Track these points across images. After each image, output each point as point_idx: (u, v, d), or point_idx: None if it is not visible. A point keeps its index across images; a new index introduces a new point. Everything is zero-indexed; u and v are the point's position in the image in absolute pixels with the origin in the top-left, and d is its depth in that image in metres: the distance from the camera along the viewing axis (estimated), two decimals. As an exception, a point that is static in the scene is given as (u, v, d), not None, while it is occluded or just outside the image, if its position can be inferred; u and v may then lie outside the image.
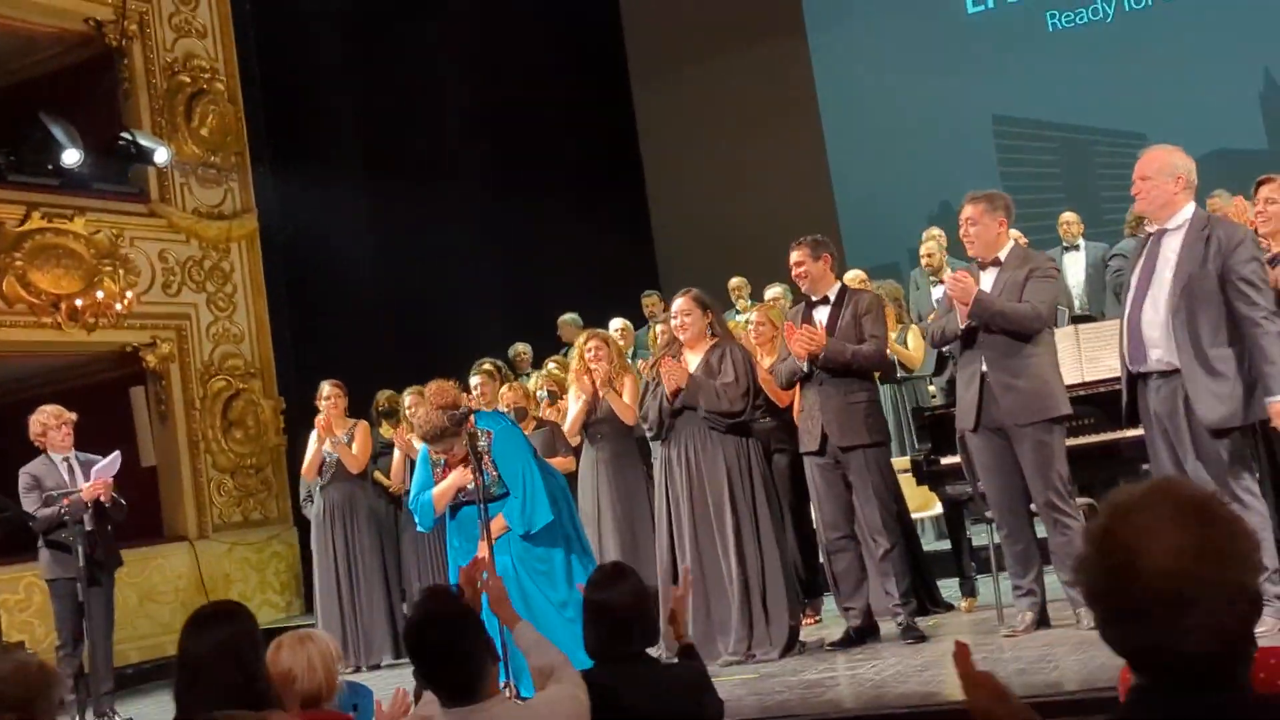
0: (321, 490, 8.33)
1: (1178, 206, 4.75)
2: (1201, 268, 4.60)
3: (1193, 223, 4.70)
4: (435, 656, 3.01)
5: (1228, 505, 1.57)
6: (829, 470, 5.70)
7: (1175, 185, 4.74)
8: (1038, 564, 5.35)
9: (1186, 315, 4.60)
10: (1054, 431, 5.19)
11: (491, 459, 5.43)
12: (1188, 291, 4.61)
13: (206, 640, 3.07)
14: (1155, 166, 4.79)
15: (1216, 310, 4.59)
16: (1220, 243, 4.60)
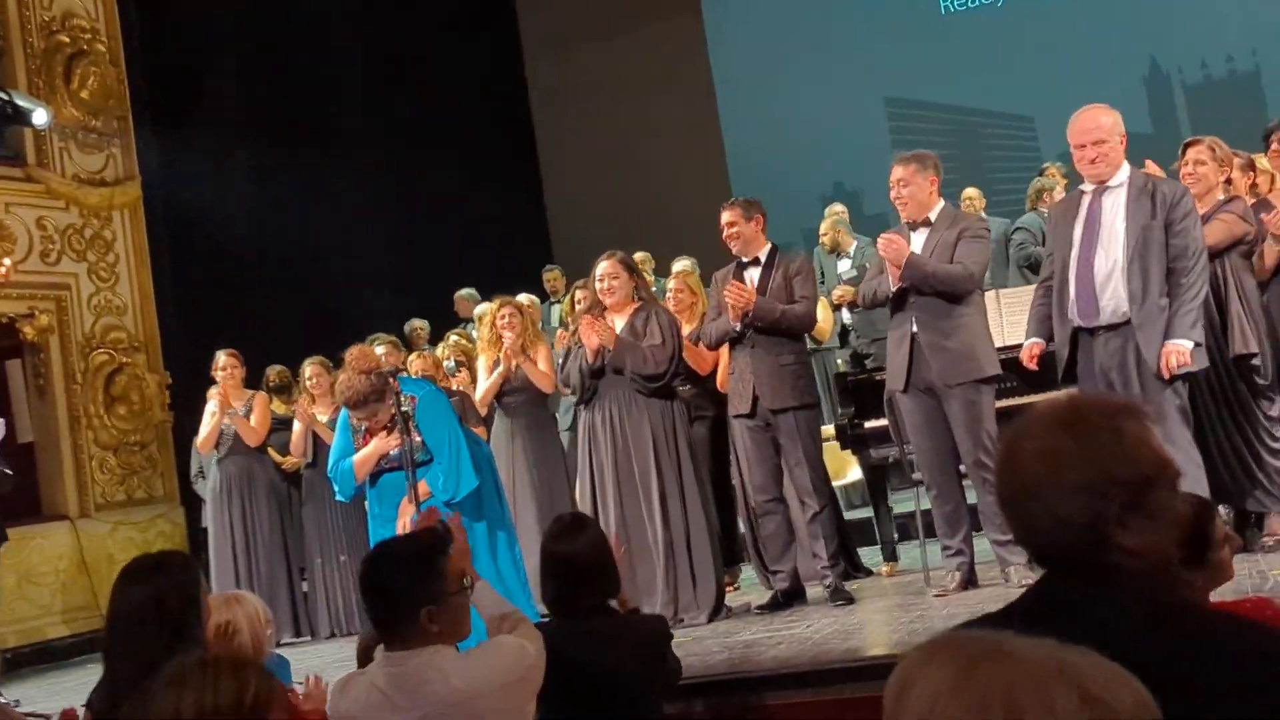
0: (218, 464, 8.04)
1: (1120, 164, 4.83)
2: (1152, 220, 4.68)
3: (1133, 179, 4.80)
4: (380, 594, 2.87)
5: (1113, 414, 1.67)
6: (759, 433, 5.64)
7: (1122, 144, 4.84)
8: (967, 524, 5.37)
9: (1140, 266, 4.67)
10: (983, 391, 5.21)
11: (415, 424, 5.25)
12: (1142, 244, 4.66)
13: (132, 595, 2.88)
14: (1108, 129, 4.84)
15: (1163, 263, 4.68)
16: (1165, 197, 4.71)
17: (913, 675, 1.21)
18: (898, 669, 1.24)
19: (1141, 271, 4.66)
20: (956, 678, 1.17)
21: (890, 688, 1.23)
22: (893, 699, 1.22)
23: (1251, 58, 12.06)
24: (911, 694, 1.19)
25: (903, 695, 1.21)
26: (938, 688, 1.17)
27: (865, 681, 4.07)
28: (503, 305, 6.92)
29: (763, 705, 4.17)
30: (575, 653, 3.24)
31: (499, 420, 6.96)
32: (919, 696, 1.18)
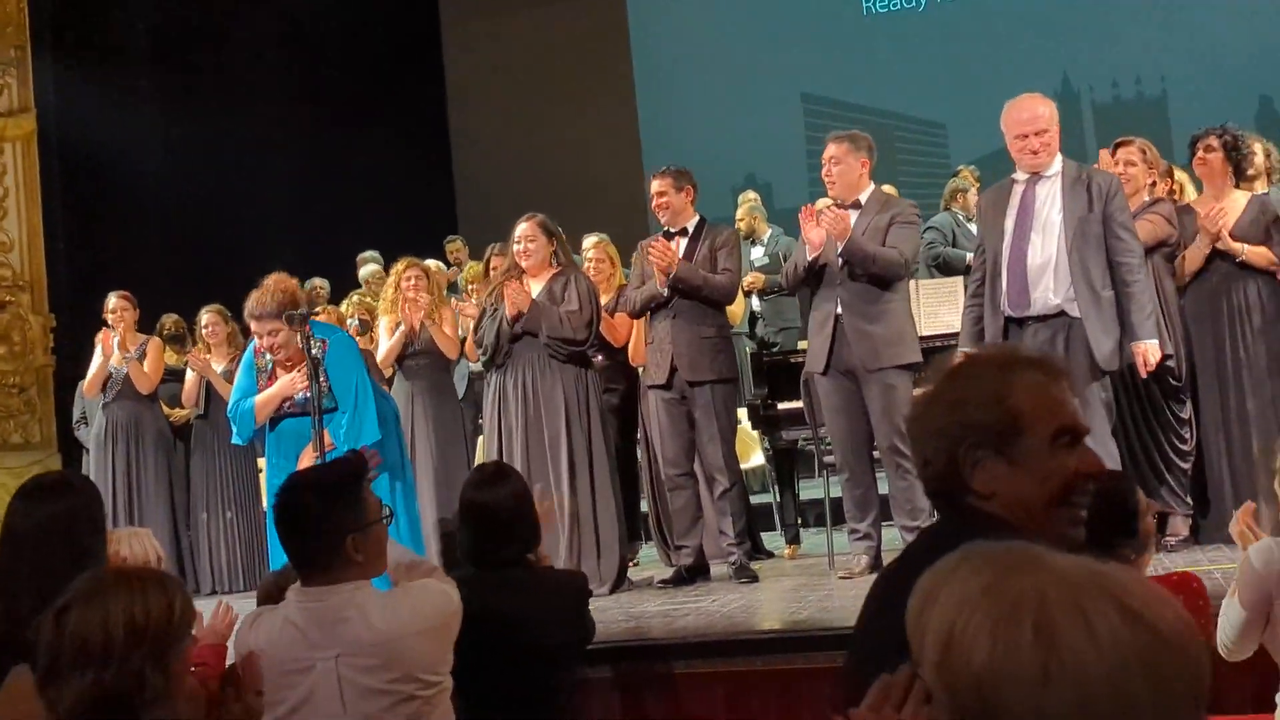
0: (104, 408, 7.72)
1: (1055, 154, 4.83)
2: (1089, 211, 4.68)
3: (1066, 169, 4.78)
4: (302, 521, 2.73)
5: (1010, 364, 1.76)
6: (674, 405, 5.57)
7: (1057, 133, 4.82)
8: (876, 509, 5.36)
9: (1079, 257, 4.66)
10: (904, 378, 5.21)
11: (324, 369, 5.02)
12: (1080, 234, 4.66)
13: (37, 513, 2.70)
14: (1047, 118, 4.83)
15: (1102, 254, 4.68)
16: (1100, 189, 4.71)
17: (938, 586, 1.13)
18: (920, 582, 1.17)
19: (1081, 262, 4.65)
20: (987, 586, 1.10)
21: (913, 602, 1.15)
22: (915, 613, 1.14)
23: (1160, 83, 12.34)
24: (936, 605, 1.12)
25: (926, 608, 1.13)
26: (965, 596, 1.10)
27: (775, 654, 4.05)
28: (409, 267, 6.74)
29: (670, 673, 4.11)
30: (493, 603, 3.14)
31: (399, 383, 6.78)
32: (944, 607, 1.11)
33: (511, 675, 3.18)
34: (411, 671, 2.68)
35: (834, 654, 3.95)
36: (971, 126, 12.51)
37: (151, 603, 1.99)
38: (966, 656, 1.06)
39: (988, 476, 1.71)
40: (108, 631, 1.95)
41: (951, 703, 1.08)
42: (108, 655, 1.94)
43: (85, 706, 1.92)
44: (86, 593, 1.98)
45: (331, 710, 2.59)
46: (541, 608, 3.23)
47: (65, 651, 1.94)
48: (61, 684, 1.93)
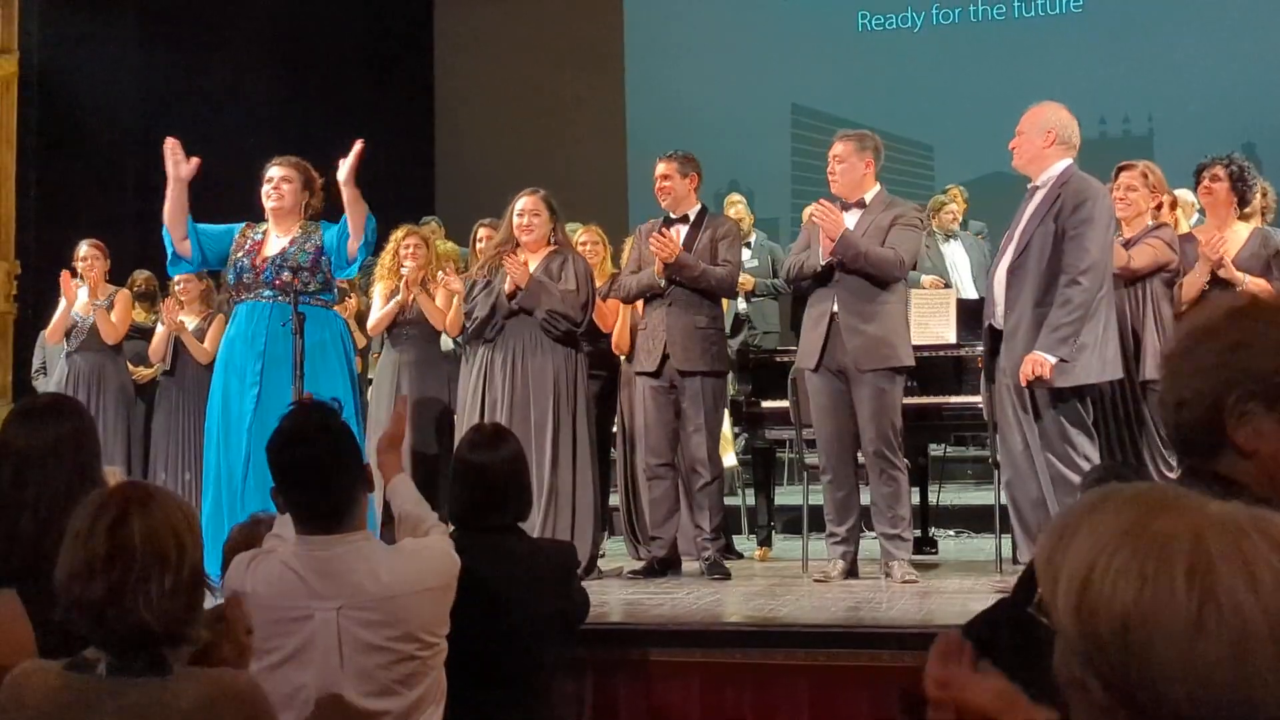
0: (66, 357, 7.54)
1: (1047, 162, 4.73)
2: (1044, 225, 4.59)
3: (1056, 179, 4.69)
4: (300, 471, 2.62)
5: None
6: (662, 393, 5.49)
7: (1044, 140, 4.72)
8: (857, 515, 5.31)
9: (1020, 273, 4.60)
10: (895, 381, 5.17)
11: (320, 233, 5.27)
12: (1029, 249, 4.60)
13: (44, 432, 2.59)
14: (1030, 121, 4.79)
15: (1049, 269, 4.55)
16: (1065, 200, 4.59)
17: (1075, 524, 1.05)
18: (1053, 521, 1.09)
19: (1018, 278, 4.59)
20: (1132, 524, 1.02)
21: (1044, 542, 1.07)
22: (1047, 553, 1.06)
23: (1147, 122, 12.43)
24: (1073, 544, 1.04)
25: (1060, 547, 1.05)
26: (1108, 535, 1.02)
27: (754, 648, 3.97)
28: (409, 234, 6.62)
29: (644, 659, 4.02)
30: (480, 568, 3.03)
31: (386, 352, 6.67)
32: (1082, 545, 1.03)
33: (496, 644, 3.09)
34: (413, 631, 2.59)
35: (814, 650, 3.90)
36: (959, 150, 12.59)
37: (186, 508, 1.93)
38: (1108, 599, 0.99)
39: (1253, 432, 1.53)
40: (176, 534, 1.87)
41: (1087, 649, 1.00)
42: (180, 556, 1.87)
43: (158, 615, 1.82)
44: (132, 500, 1.90)
45: (328, 662, 2.49)
46: (529, 576, 3.14)
47: (139, 560, 1.84)
48: (134, 594, 1.82)
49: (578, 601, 3.34)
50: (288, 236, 5.26)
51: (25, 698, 1.89)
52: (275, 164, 5.44)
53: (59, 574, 1.89)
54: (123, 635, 1.85)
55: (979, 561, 5.84)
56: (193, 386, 7.57)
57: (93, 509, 1.90)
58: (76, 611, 1.87)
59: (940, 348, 5.87)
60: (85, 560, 1.86)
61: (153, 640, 1.85)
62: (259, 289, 5.15)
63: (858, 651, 3.87)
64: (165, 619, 1.85)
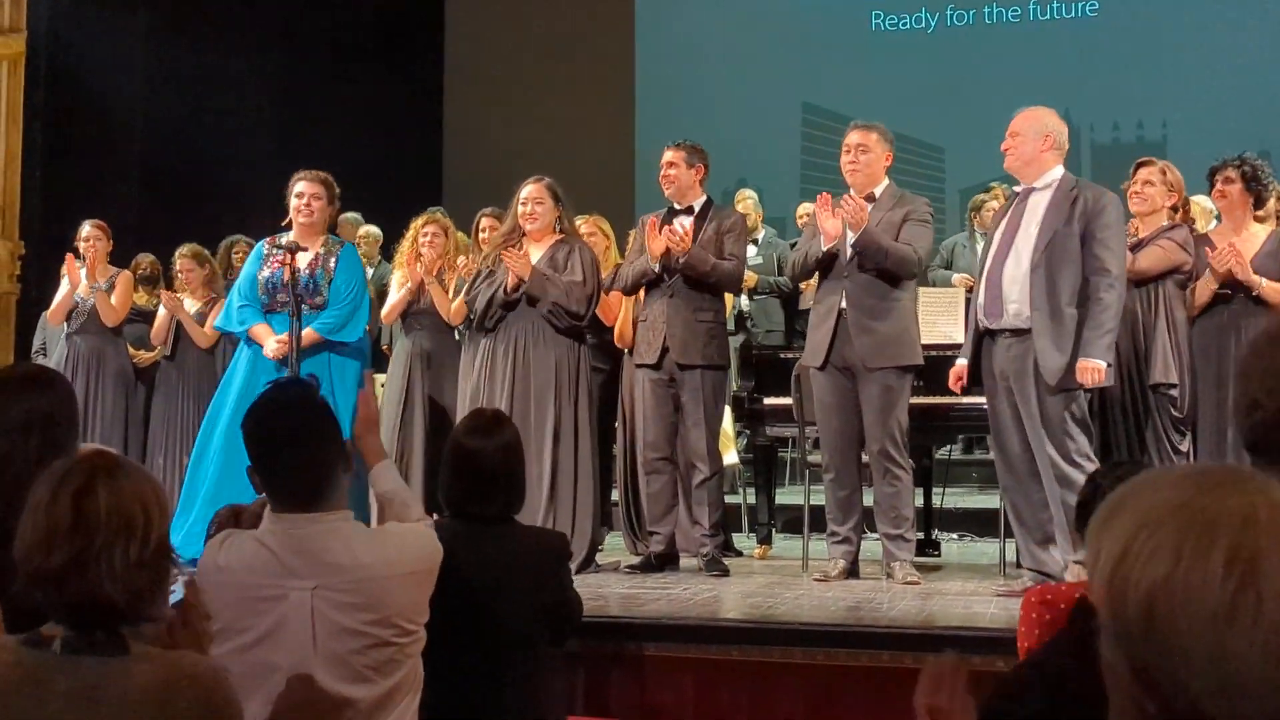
0: (67, 338, 7.47)
1: (1045, 166, 4.75)
2: (1066, 226, 4.59)
3: (1061, 183, 4.72)
4: (276, 446, 2.52)
5: None
6: (661, 386, 5.41)
7: (1043, 144, 4.75)
8: (859, 514, 5.23)
9: (1046, 272, 4.58)
10: (903, 379, 5.09)
11: (336, 263, 5.49)
12: (1050, 249, 4.59)
13: (14, 406, 2.50)
14: (1025, 124, 4.79)
15: (1075, 271, 4.58)
16: (1086, 203, 4.62)
17: (1127, 497, 0.97)
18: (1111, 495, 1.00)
19: (1046, 279, 4.57)
20: (1183, 501, 0.93)
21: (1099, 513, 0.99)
22: (1098, 525, 0.97)
23: (1161, 128, 12.32)
24: (1121, 516, 0.95)
25: (1110, 519, 0.96)
26: (1155, 509, 0.93)
27: (751, 645, 3.89)
28: (429, 221, 6.53)
29: (638, 654, 3.94)
30: (469, 557, 2.95)
31: (400, 341, 6.57)
32: (1129, 518, 0.94)
33: (480, 635, 3.00)
34: (390, 616, 2.49)
35: (812, 649, 3.83)
36: (969, 153, 12.49)
37: (155, 482, 1.85)
38: (1139, 573, 0.91)
39: None
40: (144, 504, 1.80)
41: (1115, 628, 0.92)
42: (148, 528, 1.79)
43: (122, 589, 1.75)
44: (99, 469, 1.82)
45: (300, 644, 2.40)
46: (518, 565, 3.05)
47: (103, 529, 1.76)
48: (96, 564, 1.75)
49: (570, 596, 3.25)
50: (312, 253, 5.55)
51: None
52: (302, 179, 5.67)
53: (19, 544, 1.81)
54: (83, 608, 1.77)
55: (982, 565, 5.77)
56: (193, 371, 7.52)
57: (56, 477, 1.82)
58: (36, 583, 1.78)
59: (948, 347, 5.76)
60: (47, 529, 1.77)
61: (114, 615, 1.77)
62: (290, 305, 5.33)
63: (857, 651, 3.79)
64: (128, 592, 1.77)
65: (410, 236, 6.52)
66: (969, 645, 3.70)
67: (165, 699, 1.74)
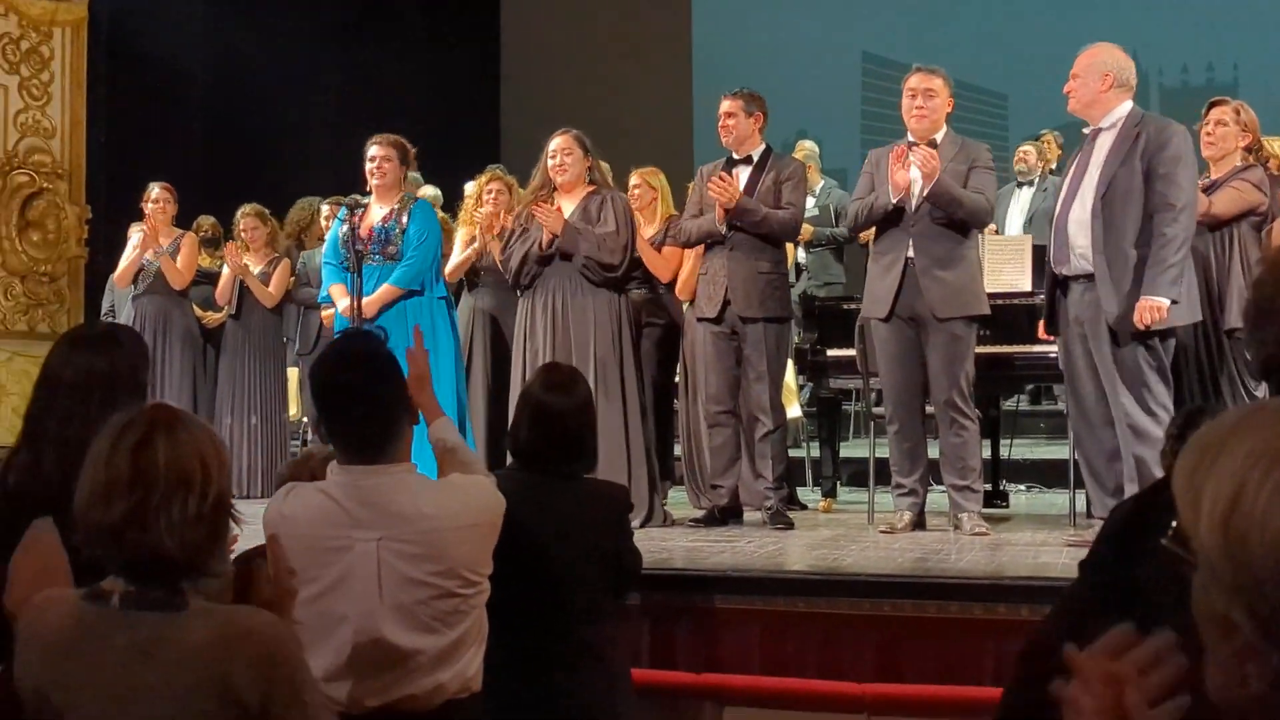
0: (133, 300, 7.56)
1: (1108, 105, 4.60)
2: (1127, 165, 4.45)
3: (1126, 120, 4.56)
4: (342, 398, 2.53)
5: None
6: (722, 340, 5.37)
7: (1103, 83, 4.59)
8: (924, 465, 5.17)
9: (1107, 214, 4.46)
10: (970, 329, 5.02)
11: (410, 215, 5.62)
12: (1112, 190, 4.46)
13: (79, 361, 2.52)
14: (1085, 64, 4.66)
15: (1138, 211, 4.43)
16: (1149, 138, 4.46)
17: (1221, 439, 0.92)
18: (1196, 438, 0.95)
19: (1107, 219, 4.44)
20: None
21: (1186, 460, 0.94)
22: (1188, 471, 0.93)
23: (1232, 70, 12.04)
24: (1220, 460, 0.90)
25: (1204, 463, 0.91)
26: (1263, 447, 0.88)
27: (817, 597, 3.86)
28: (492, 179, 6.51)
29: (704, 607, 3.93)
30: (532, 509, 2.94)
31: (464, 298, 6.57)
32: (1230, 461, 0.89)
33: (543, 587, 3.00)
34: (454, 567, 2.50)
35: (879, 601, 3.79)
36: (1033, 99, 12.25)
37: (215, 436, 1.85)
38: (1262, 520, 0.86)
39: None
40: (202, 459, 1.80)
41: (1237, 579, 0.87)
42: (206, 483, 1.79)
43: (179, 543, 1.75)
44: (158, 423, 1.82)
45: (367, 595, 2.41)
46: (581, 517, 3.04)
47: (161, 483, 1.76)
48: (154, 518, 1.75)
49: (630, 546, 3.24)
50: (387, 208, 5.68)
51: (39, 628, 1.83)
52: (375, 143, 5.76)
53: (78, 497, 1.81)
54: (141, 561, 1.77)
55: (1051, 516, 5.69)
56: (258, 330, 7.59)
57: (115, 431, 1.82)
58: (95, 536, 1.79)
59: (1014, 295, 5.69)
60: (106, 483, 1.78)
61: (172, 569, 1.77)
62: (368, 258, 5.56)
63: (925, 603, 3.75)
64: (186, 547, 1.77)
65: (474, 194, 6.51)
66: (1040, 596, 3.66)
67: (223, 654, 1.75)
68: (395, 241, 5.59)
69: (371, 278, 5.55)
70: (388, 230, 5.61)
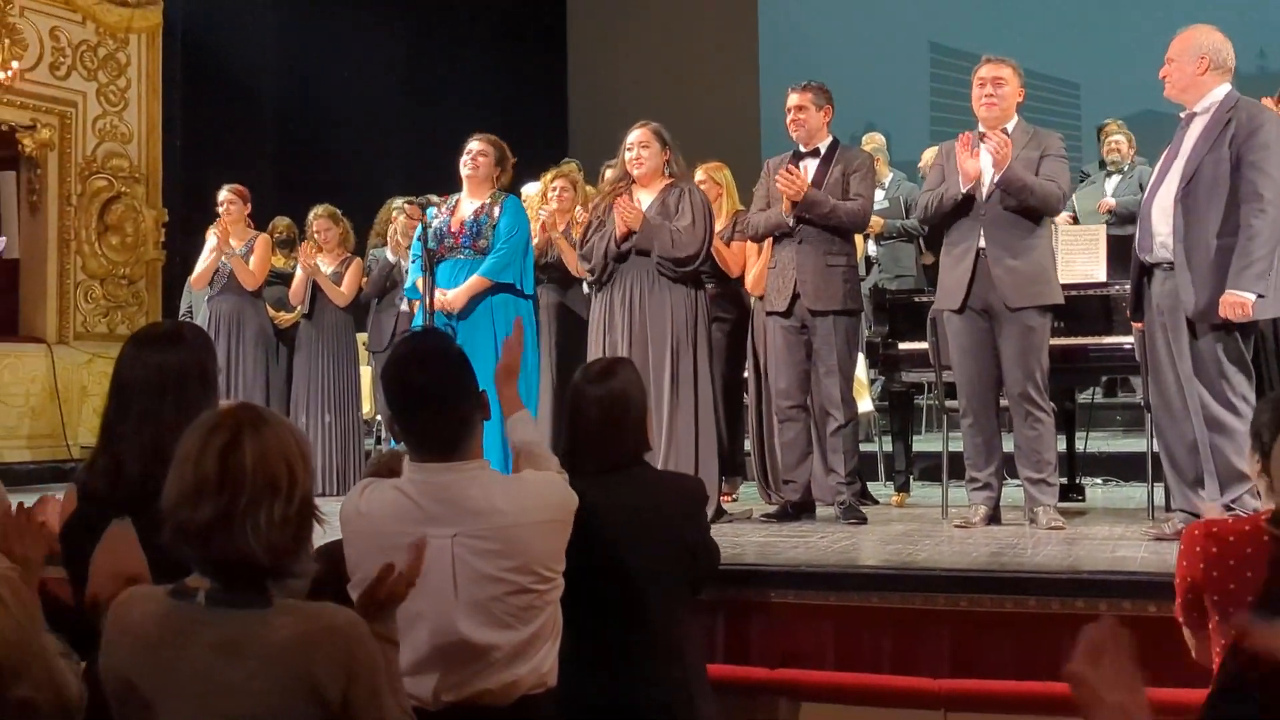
0: (209, 301, 7.67)
1: (1203, 89, 4.49)
2: (1214, 152, 4.35)
3: (1220, 105, 4.44)
4: (417, 396, 2.54)
5: None
6: (792, 334, 5.34)
7: (1198, 66, 4.48)
8: (999, 459, 5.11)
9: (1190, 202, 4.36)
10: (1044, 319, 4.96)
11: (501, 209, 5.71)
12: (1198, 176, 4.36)
13: (148, 360, 2.56)
14: (1179, 47, 4.55)
15: (1223, 199, 4.32)
16: (1239, 125, 4.34)
17: None
18: None
19: (1189, 207, 4.34)
20: None
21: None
22: None
23: (1311, 54, 11.77)
24: None
25: None
26: None
27: (891, 592, 3.83)
28: (557, 176, 6.55)
29: (778, 603, 3.92)
30: (604, 503, 2.93)
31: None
32: None
33: (618, 581, 2.99)
34: (529, 563, 2.51)
35: (955, 596, 3.75)
36: (1106, 88, 12.08)
37: (301, 436, 1.87)
38: None
39: None
40: (288, 460, 1.82)
41: None
42: (292, 485, 1.81)
43: (265, 546, 1.77)
44: (245, 423, 1.84)
45: (442, 590, 2.43)
46: (654, 510, 3.03)
47: (249, 486, 1.79)
48: (241, 521, 1.77)
49: (709, 540, 3.24)
50: (479, 202, 5.76)
51: (127, 624, 1.86)
52: (475, 139, 5.92)
53: (166, 497, 1.84)
54: (227, 564, 1.79)
55: (1128, 509, 5.61)
56: (330, 330, 7.67)
57: (204, 431, 1.84)
58: (182, 536, 1.81)
59: (1089, 286, 5.61)
60: (194, 484, 1.80)
61: (258, 571, 1.79)
62: (458, 250, 5.68)
63: (1002, 598, 3.70)
64: (271, 550, 1.79)
65: (540, 191, 6.54)
66: (1119, 590, 3.61)
67: (305, 652, 1.76)
68: (486, 235, 5.67)
69: (462, 271, 5.66)
70: (479, 223, 5.69)
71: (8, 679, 1.86)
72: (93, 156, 9.67)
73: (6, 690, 1.87)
